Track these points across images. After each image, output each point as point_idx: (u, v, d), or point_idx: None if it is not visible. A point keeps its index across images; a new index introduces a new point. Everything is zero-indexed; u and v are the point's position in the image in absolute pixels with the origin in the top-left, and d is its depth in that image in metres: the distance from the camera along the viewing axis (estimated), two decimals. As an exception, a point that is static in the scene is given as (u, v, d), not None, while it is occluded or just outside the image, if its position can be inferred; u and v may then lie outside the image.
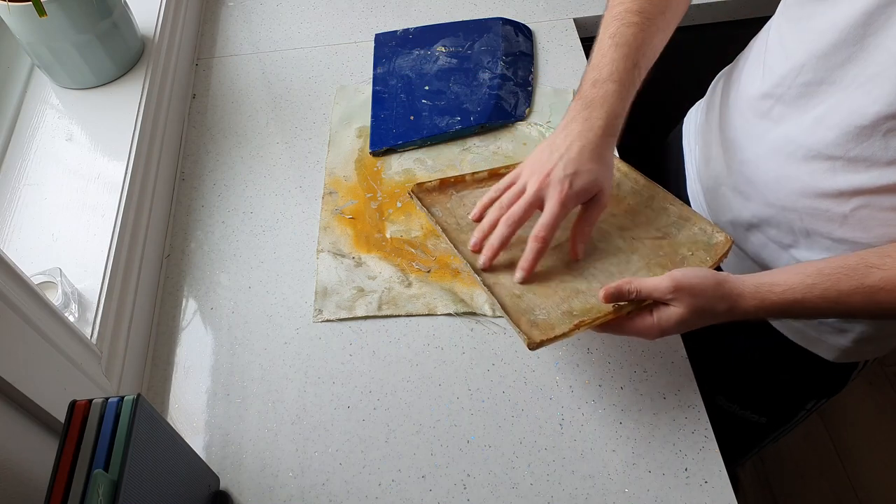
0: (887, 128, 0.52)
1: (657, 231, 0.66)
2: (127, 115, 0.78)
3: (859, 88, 0.53)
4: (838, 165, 0.57)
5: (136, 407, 0.46)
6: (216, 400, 0.67)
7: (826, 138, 0.56)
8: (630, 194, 0.70)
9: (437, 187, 0.72)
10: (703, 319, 0.55)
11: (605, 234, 0.66)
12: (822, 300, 0.53)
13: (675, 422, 0.63)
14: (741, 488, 1.38)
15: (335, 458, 0.62)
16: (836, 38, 0.54)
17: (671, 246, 0.65)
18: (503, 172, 0.71)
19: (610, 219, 0.68)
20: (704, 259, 0.63)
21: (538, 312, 0.58)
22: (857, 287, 0.52)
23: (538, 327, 0.57)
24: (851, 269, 0.53)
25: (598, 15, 0.98)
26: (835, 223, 0.59)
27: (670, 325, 0.55)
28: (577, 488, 0.60)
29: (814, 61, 0.56)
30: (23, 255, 0.66)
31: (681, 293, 0.54)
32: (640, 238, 0.66)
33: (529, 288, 0.61)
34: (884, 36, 0.51)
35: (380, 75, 0.92)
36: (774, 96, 0.62)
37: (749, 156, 0.65)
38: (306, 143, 0.87)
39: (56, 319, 0.55)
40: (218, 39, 1.01)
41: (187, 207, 0.81)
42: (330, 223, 0.78)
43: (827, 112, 0.56)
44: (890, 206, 0.56)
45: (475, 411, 0.64)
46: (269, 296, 0.73)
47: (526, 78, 0.90)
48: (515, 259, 0.62)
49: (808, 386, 0.80)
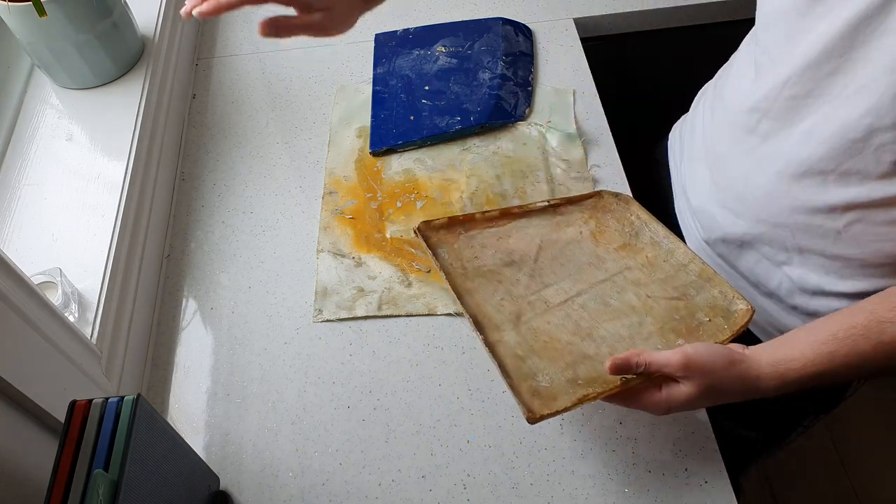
0: (879, 141, 0.51)
1: (675, 290, 0.63)
2: (127, 115, 0.78)
3: (847, 101, 0.52)
4: (830, 180, 0.56)
5: (136, 407, 0.46)
6: (216, 400, 0.67)
7: (817, 153, 0.55)
8: (649, 245, 0.67)
9: (446, 225, 0.68)
10: (714, 399, 0.53)
11: (619, 289, 0.63)
12: (844, 367, 0.51)
13: (675, 422, 0.62)
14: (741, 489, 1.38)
15: (335, 458, 0.62)
16: (822, 49, 0.53)
17: (688, 309, 0.61)
18: (515, 212, 0.69)
19: (626, 271, 0.65)
20: (722, 327, 0.60)
21: (541, 378, 0.55)
22: (875, 346, 0.50)
23: (540, 397, 0.53)
24: (865, 328, 0.51)
25: (598, 15, 1.00)
26: (828, 239, 0.58)
27: (678, 403, 0.53)
28: (577, 488, 0.60)
29: (800, 73, 0.55)
30: (23, 255, 0.66)
31: (692, 371, 0.52)
32: (656, 297, 0.63)
33: (534, 350, 0.58)
34: (870, 47, 0.50)
35: (380, 75, 0.92)
36: (761, 110, 0.60)
37: (738, 172, 0.64)
38: (306, 143, 0.87)
39: (56, 319, 0.55)
40: (218, 39, 1.01)
41: (187, 207, 0.81)
42: (330, 223, 0.78)
43: (815, 125, 0.55)
44: (884, 220, 0.55)
45: (475, 411, 0.64)
46: (269, 296, 0.73)
47: (526, 78, 0.90)
48: (522, 313, 0.60)
49: (805, 403, 0.79)
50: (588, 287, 0.64)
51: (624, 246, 0.67)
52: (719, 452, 0.61)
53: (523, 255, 0.66)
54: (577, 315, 0.61)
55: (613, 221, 0.69)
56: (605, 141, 0.84)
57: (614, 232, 0.68)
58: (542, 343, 0.58)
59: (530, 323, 0.60)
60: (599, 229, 0.68)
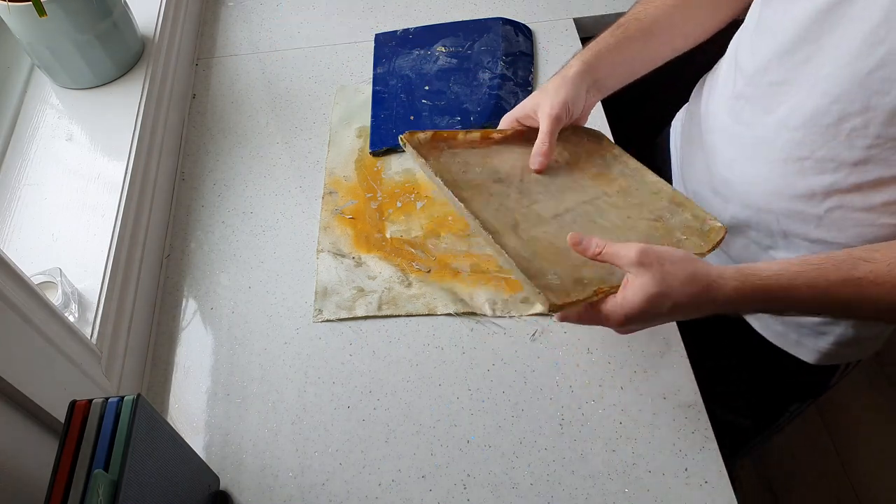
0: (850, 127, 0.52)
1: (650, 213, 0.65)
2: (127, 115, 0.78)
3: (817, 87, 0.53)
4: (807, 166, 0.57)
5: (136, 407, 0.46)
6: (216, 400, 0.67)
7: (794, 139, 0.57)
8: (620, 176, 0.69)
9: (430, 139, 0.66)
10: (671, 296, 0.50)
11: (601, 211, 0.65)
12: (808, 289, 0.50)
13: (675, 422, 0.62)
14: (741, 488, 1.38)
15: (335, 458, 0.62)
16: (795, 36, 0.54)
17: (665, 229, 0.63)
18: (495, 136, 0.69)
19: (604, 197, 0.66)
20: (699, 245, 0.61)
21: (551, 277, 0.55)
22: (845, 279, 0.50)
23: (553, 290, 0.53)
24: (839, 260, 0.51)
25: (598, 15, 1.00)
26: (810, 224, 0.60)
27: (634, 302, 0.50)
28: (577, 488, 0.60)
29: (777, 60, 0.57)
30: (23, 255, 0.66)
31: (649, 258, 0.50)
32: (635, 218, 0.65)
33: (537, 253, 0.58)
34: (836, 34, 0.51)
35: (380, 75, 0.92)
36: (745, 97, 0.62)
37: (726, 158, 0.66)
38: (306, 143, 0.87)
39: (56, 319, 0.55)
40: (218, 39, 1.01)
41: (187, 207, 0.81)
42: (330, 223, 0.78)
43: (791, 112, 0.56)
44: (862, 206, 0.56)
45: (475, 411, 0.64)
46: (269, 296, 0.73)
47: (526, 78, 0.90)
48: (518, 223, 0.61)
49: (790, 389, 0.80)
50: (574, 206, 0.65)
51: (598, 175, 0.69)
52: (719, 452, 0.61)
53: (509, 175, 0.66)
54: (569, 228, 0.61)
55: (584, 154, 0.71)
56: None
57: (586, 163, 0.70)
58: (543, 247, 0.59)
59: (529, 231, 0.61)
60: (574, 160, 0.70)
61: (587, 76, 0.65)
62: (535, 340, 0.68)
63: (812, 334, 0.69)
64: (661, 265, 0.50)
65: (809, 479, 1.41)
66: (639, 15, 0.69)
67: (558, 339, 0.68)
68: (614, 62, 0.68)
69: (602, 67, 0.67)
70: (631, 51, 0.68)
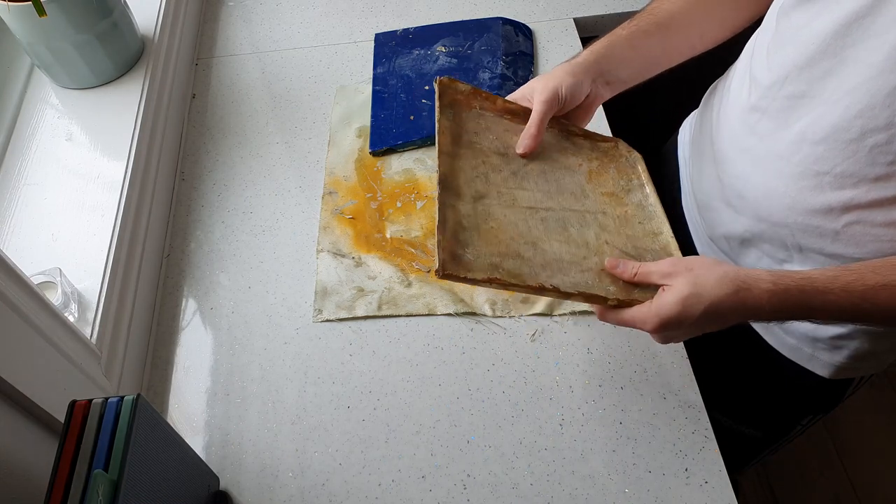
0: (873, 142, 0.51)
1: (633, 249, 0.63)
2: (127, 115, 0.78)
3: (840, 102, 0.52)
4: (826, 181, 0.56)
5: (136, 407, 0.46)
6: (216, 400, 0.67)
7: (813, 154, 0.55)
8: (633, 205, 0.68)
9: (468, 92, 0.67)
10: (704, 302, 0.51)
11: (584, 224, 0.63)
12: (845, 293, 0.50)
13: (675, 422, 0.62)
14: (741, 489, 1.38)
15: (335, 458, 0.62)
16: (816, 49, 0.53)
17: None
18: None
19: (600, 214, 0.65)
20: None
21: (469, 252, 0.55)
22: (883, 283, 0.49)
23: (458, 262, 0.53)
24: (877, 265, 0.51)
25: (598, 15, 1.00)
26: (826, 239, 0.58)
27: (669, 310, 0.51)
28: (577, 488, 0.60)
29: (796, 73, 0.55)
30: (23, 255, 0.66)
31: (678, 267, 0.53)
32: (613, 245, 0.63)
33: (478, 228, 0.58)
34: (861, 48, 0.50)
35: (380, 75, 0.92)
36: (760, 109, 0.60)
37: (739, 170, 0.64)
38: (306, 143, 0.87)
39: (56, 319, 0.55)
40: (218, 39, 1.01)
41: (187, 207, 0.81)
42: (330, 223, 0.78)
43: (810, 126, 0.55)
44: (882, 221, 0.55)
45: (475, 411, 0.64)
46: (268, 296, 0.73)
47: (526, 78, 0.90)
48: (487, 196, 0.61)
49: (804, 402, 0.79)
50: (558, 208, 0.64)
51: (611, 194, 0.68)
52: (719, 452, 0.61)
53: (516, 154, 0.66)
54: (533, 224, 0.61)
55: (614, 171, 0.70)
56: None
57: (609, 179, 0.69)
58: (488, 226, 0.59)
59: (489, 207, 0.60)
60: (598, 171, 0.69)
61: (593, 67, 0.65)
62: (535, 340, 0.68)
63: (827, 349, 0.67)
64: (690, 269, 0.53)
65: (809, 479, 1.41)
66: (654, 10, 0.68)
67: (558, 339, 0.68)
68: (624, 55, 0.67)
69: (611, 59, 0.66)
70: (644, 45, 0.68)
